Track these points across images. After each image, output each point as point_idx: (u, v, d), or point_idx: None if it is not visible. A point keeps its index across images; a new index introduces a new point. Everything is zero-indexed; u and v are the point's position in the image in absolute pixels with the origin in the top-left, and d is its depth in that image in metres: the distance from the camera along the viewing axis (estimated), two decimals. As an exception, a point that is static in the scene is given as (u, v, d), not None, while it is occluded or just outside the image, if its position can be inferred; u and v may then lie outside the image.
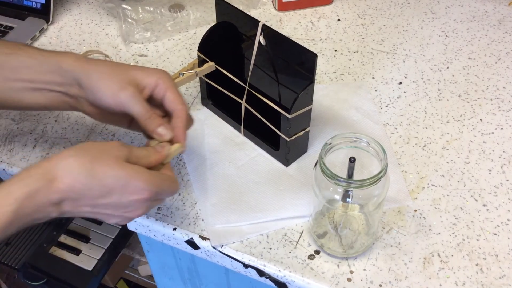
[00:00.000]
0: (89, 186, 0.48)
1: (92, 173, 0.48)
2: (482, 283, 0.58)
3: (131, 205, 0.51)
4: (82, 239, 0.97)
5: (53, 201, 0.48)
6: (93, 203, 0.50)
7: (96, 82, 0.56)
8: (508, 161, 0.70)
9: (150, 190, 0.51)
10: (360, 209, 0.59)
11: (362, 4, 0.97)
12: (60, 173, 0.48)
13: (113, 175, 0.49)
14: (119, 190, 0.49)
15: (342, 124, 0.75)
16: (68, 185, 0.48)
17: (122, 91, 0.55)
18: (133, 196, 0.50)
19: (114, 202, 0.50)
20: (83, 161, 0.48)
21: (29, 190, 0.47)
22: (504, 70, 0.83)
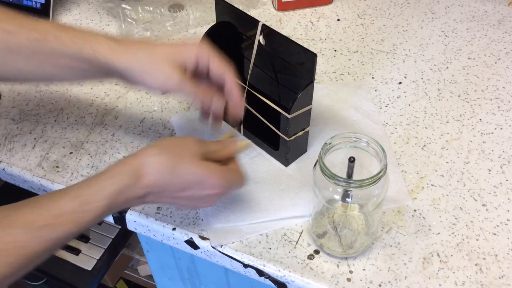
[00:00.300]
0: (171, 181, 0.53)
1: (174, 170, 0.53)
2: (481, 283, 0.58)
3: (205, 198, 0.56)
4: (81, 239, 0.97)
5: (139, 195, 0.53)
6: (173, 195, 0.55)
7: (140, 77, 0.57)
8: (507, 161, 0.70)
9: (223, 186, 0.55)
10: (360, 209, 0.59)
11: (362, 4, 0.97)
12: (146, 171, 0.52)
13: (192, 172, 0.53)
14: (196, 186, 0.54)
15: (341, 124, 0.75)
16: (153, 181, 0.52)
17: (168, 81, 0.57)
18: (208, 191, 0.55)
19: (191, 195, 0.55)
20: (166, 159, 0.53)
21: (120, 187, 0.51)
22: (504, 70, 0.83)
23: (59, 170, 0.70)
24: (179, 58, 0.57)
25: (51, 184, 0.69)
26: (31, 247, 0.47)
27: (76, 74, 0.60)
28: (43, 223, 0.47)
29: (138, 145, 0.73)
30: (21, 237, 0.46)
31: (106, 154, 0.72)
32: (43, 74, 0.60)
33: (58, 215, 0.48)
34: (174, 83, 0.56)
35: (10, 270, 0.46)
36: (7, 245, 0.46)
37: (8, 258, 0.46)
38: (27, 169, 0.71)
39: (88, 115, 0.78)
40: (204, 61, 0.58)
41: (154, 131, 0.75)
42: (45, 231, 0.47)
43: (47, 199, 0.49)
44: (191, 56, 0.57)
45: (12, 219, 0.47)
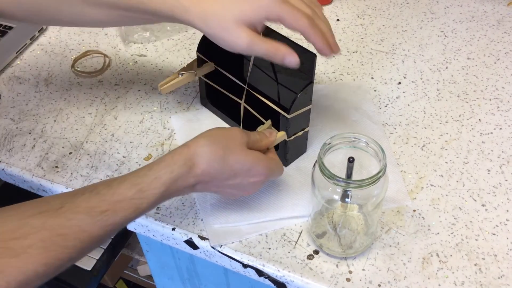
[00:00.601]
0: (221, 171, 0.56)
1: (224, 159, 0.55)
2: (480, 283, 0.58)
3: (249, 186, 0.59)
4: (81, 239, 0.97)
5: (190, 184, 0.55)
6: (221, 184, 0.57)
7: (212, 39, 0.58)
8: (507, 161, 0.70)
9: (267, 174, 0.59)
10: (359, 209, 0.59)
11: (361, 4, 0.97)
12: (198, 160, 0.54)
13: (241, 160, 0.56)
14: (243, 174, 0.57)
15: (341, 124, 0.75)
16: (204, 170, 0.55)
17: (237, 46, 0.56)
18: (254, 179, 0.58)
19: (237, 183, 0.58)
20: (216, 149, 0.55)
21: (174, 176, 0.53)
22: (503, 70, 0.83)
23: (59, 170, 0.70)
24: (248, 19, 0.56)
25: (51, 184, 0.69)
26: (92, 231, 0.49)
27: (153, 22, 0.64)
28: (104, 208, 0.49)
29: (137, 145, 0.73)
30: (84, 221, 0.48)
31: (105, 154, 0.72)
32: (119, 23, 0.64)
33: (118, 201, 0.50)
34: (243, 47, 0.56)
35: (68, 254, 0.47)
36: (69, 229, 0.47)
37: (68, 242, 0.47)
38: (27, 169, 0.71)
39: (88, 115, 0.78)
40: (275, 20, 0.57)
41: (154, 131, 0.75)
42: (106, 216, 0.49)
43: (106, 186, 0.51)
44: (260, 19, 0.56)
45: (72, 205, 0.48)
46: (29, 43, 0.90)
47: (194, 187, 0.56)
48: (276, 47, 0.57)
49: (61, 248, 0.47)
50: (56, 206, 0.48)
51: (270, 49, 0.57)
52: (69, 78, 0.84)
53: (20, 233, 0.45)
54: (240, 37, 0.56)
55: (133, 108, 0.79)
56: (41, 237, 0.46)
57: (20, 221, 0.46)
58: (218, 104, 0.76)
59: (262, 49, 0.56)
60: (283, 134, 0.65)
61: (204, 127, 0.75)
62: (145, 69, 0.85)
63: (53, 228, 0.47)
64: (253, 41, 0.56)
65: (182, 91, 0.81)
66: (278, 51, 0.57)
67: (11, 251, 0.44)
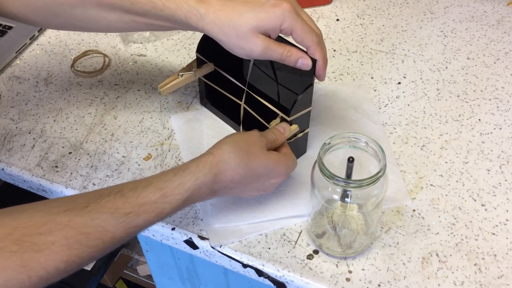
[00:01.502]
0: (245, 176, 0.57)
1: (248, 165, 0.56)
2: (480, 283, 0.58)
3: (270, 186, 0.60)
4: (81, 239, 0.97)
5: (214, 190, 0.56)
6: (244, 188, 0.59)
7: (226, 47, 0.60)
8: (506, 161, 0.70)
9: (287, 173, 0.61)
10: (359, 209, 0.59)
11: (361, 4, 0.97)
12: (223, 167, 0.55)
13: (263, 165, 0.58)
14: (265, 176, 0.59)
15: (341, 124, 0.75)
16: (230, 177, 0.56)
17: (252, 52, 0.58)
18: (275, 180, 0.60)
19: (259, 185, 0.59)
20: (240, 155, 0.56)
21: (199, 183, 0.54)
22: (503, 70, 0.83)
23: (58, 170, 0.70)
24: (263, 28, 0.57)
25: (50, 184, 0.69)
26: (115, 232, 0.49)
27: (164, 30, 0.64)
28: (128, 210, 0.50)
29: (137, 145, 0.73)
30: (107, 222, 0.49)
31: (105, 154, 0.72)
32: (133, 28, 0.64)
33: (141, 204, 0.51)
34: (258, 54, 0.58)
35: (89, 253, 0.48)
36: (93, 228, 0.48)
37: (90, 241, 0.48)
38: (26, 169, 0.71)
39: (87, 115, 0.78)
40: (287, 31, 0.58)
41: (153, 131, 0.75)
42: (129, 218, 0.50)
43: (131, 188, 0.52)
44: (274, 28, 0.57)
45: (98, 206, 0.49)
46: (28, 43, 0.90)
47: (217, 192, 0.57)
48: (289, 50, 0.59)
49: (83, 247, 0.47)
50: (82, 205, 0.49)
51: (284, 53, 0.58)
52: (68, 78, 0.84)
53: (46, 229, 0.46)
54: (256, 44, 0.57)
55: (132, 108, 0.79)
56: (65, 234, 0.46)
57: (46, 217, 0.47)
58: (218, 105, 0.76)
59: (277, 53, 0.58)
60: (296, 127, 0.65)
61: (204, 127, 0.75)
62: (145, 69, 0.85)
63: (77, 227, 0.47)
64: (268, 47, 0.58)
65: (182, 91, 0.81)
66: (291, 55, 0.59)
67: (35, 246, 0.45)
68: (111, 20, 0.62)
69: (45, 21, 0.66)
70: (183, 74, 0.70)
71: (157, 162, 0.71)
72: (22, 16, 0.64)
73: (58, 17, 0.64)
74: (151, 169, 0.70)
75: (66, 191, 0.68)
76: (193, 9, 0.58)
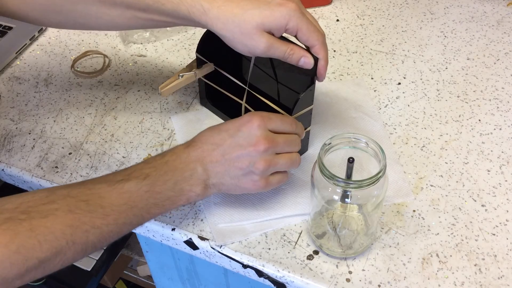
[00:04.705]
0: (216, 133, 0.59)
1: (219, 126, 0.60)
2: (480, 283, 0.58)
3: (257, 158, 0.58)
4: (81, 240, 0.97)
5: (191, 156, 0.58)
6: (224, 151, 0.58)
7: (230, 43, 0.59)
8: (506, 162, 0.70)
9: (268, 137, 0.58)
10: (359, 210, 0.59)
11: (361, 5, 0.97)
12: (195, 138, 0.60)
13: (232, 121, 0.60)
14: (239, 131, 0.59)
15: (342, 122, 0.75)
16: (202, 138, 0.60)
17: (256, 49, 0.58)
18: (258, 142, 0.58)
19: (242, 152, 0.58)
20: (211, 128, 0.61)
21: (174, 148, 0.59)
22: (503, 71, 0.83)
23: (58, 171, 0.70)
24: (268, 26, 0.57)
25: (50, 185, 0.69)
26: (110, 197, 0.53)
27: (165, 26, 0.64)
28: (120, 178, 0.55)
29: (137, 145, 0.73)
30: (102, 189, 0.53)
31: (105, 155, 0.72)
32: (134, 26, 0.64)
33: (131, 172, 0.56)
34: (262, 51, 0.58)
35: (91, 218, 0.51)
36: (91, 196, 0.52)
37: (89, 206, 0.52)
38: (26, 169, 0.71)
39: (87, 115, 0.78)
40: (293, 30, 0.58)
41: (153, 131, 0.75)
42: (121, 183, 0.54)
43: (118, 171, 0.58)
44: (280, 27, 0.57)
45: (93, 180, 0.55)
46: (28, 43, 0.90)
47: (198, 160, 0.57)
48: (292, 48, 0.59)
49: (84, 212, 0.51)
50: (79, 183, 0.54)
51: (287, 51, 0.58)
52: (68, 78, 0.84)
53: (49, 200, 0.50)
54: (260, 42, 0.57)
55: (132, 108, 0.79)
56: (66, 202, 0.51)
57: (47, 192, 0.51)
58: (218, 105, 0.76)
59: (280, 51, 0.58)
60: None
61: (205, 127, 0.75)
62: (145, 70, 0.85)
63: (76, 195, 0.52)
64: (272, 45, 0.57)
65: (182, 92, 0.81)
66: (294, 53, 0.59)
67: (41, 213, 0.49)
68: (112, 16, 0.62)
69: (45, 19, 0.66)
70: (183, 74, 0.70)
71: (157, 163, 0.71)
72: (22, 14, 0.64)
73: (58, 14, 0.64)
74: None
75: (66, 191, 0.68)
76: (197, 4, 0.57)
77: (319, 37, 0.59)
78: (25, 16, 0.64)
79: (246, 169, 0.57)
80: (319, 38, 0.59)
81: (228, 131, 0.58)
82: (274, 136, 0.58)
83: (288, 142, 0.59)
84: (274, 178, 0.60)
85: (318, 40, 0.59)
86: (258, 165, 0.57)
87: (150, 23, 0.63)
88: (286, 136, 0.59)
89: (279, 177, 0.60)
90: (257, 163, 0.57)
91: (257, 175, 0.58)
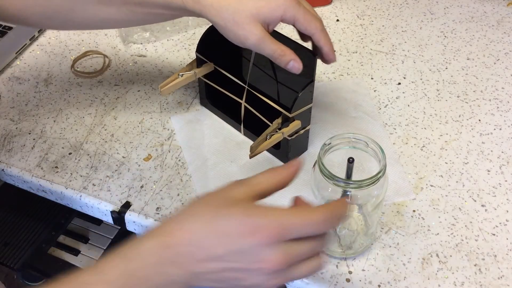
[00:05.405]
0: (209, 232, 0.43)
1: (210, 222, 0.43)
2: (480, 284, 0.58)
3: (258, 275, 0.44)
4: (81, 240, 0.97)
5: (164, 259, 0.43)
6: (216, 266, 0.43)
7: (222, 31, 0.58)
8: (506, 162, 0.70)
9: (283, 234, 0.42)
10: (359, 210, 0.59)
11: (361, 5, 0.97)
12: (172, 226, 0.44)
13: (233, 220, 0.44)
14: (242, 238, 0.43)
15: (341, 122, 0.75)
16: (185, 233, 0.43)
17: (247, 41, 0.56)
18: (262, 260, 0.42)
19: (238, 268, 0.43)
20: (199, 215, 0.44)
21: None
22: (503, 71, 0.83)
23: (58, 171, 0.70)
24: (262, 17, 0.56)
25: (50, 185, 0.69)
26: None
27: (163, 19, 0.64)
28: None
29: (137, 146, 0.73)
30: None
31: (105, 155, 0.72)
32: (132, 21, 0.64)
33: None
34: (252, 43, 0.56)
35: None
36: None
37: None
38: (26, 169, 0.71)
39: (87, 115, 0.78)
40: (289, 21, 0.57)
41: (153, 131, 0.75)
42: None
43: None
44: (275, 18, 0.56)
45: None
46: (28, 44, 0.90)
47: (173, 263, 0.42)
48: (283, 50, 0.57)
49: None
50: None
51: (277, 50, 0.57)
52: (68, 78, 0.84)
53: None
54: (252, 33, 0.55)
55: (132, 108, 0.79)
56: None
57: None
58: (218, 104, 0.76)
59: (270, 49, 0.57)
60: (298, 123, 0.64)
61: (205, 128, 0.75)
62: (145, 70, 0.85)
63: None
64: (263, 39, 0.56)
65: (182, 92, 0.81)
66: (284, 55, 0.57)
67: None
68: (110, 13, 0.62)
69: (45, 22, 0.66)
70: (183, 74, 0.70)
71: (157, 163, 0.71)
72: (22, 18, 0.64)
73: (58, 15, 0.64)
74: (151, 170, 0.70)
75: (66, 191, 0.68)
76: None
77: (318, 25, 0.58)
78: (26, 20, 0.65)
79: (247, 284, 0.43)
80: (317, 26, 0.58)
81: (229, 236, 0.42)
82: (292, 250, 0.42)
83: (309, 252, 0.43)
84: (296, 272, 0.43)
85: (316, 28, 0.58)
86: (266, 283, 0.43)
87: (148, 17, 0.62)
88: (308, 246, 0.43)
89: (305, 269, 0.44)
90: (265, 282, 0.42)
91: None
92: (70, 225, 0.99)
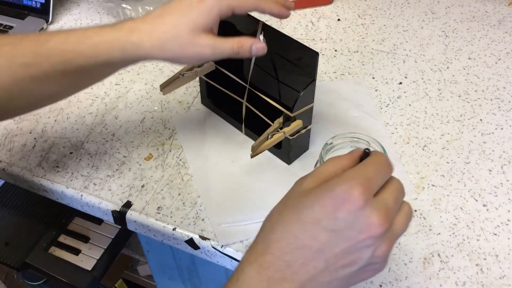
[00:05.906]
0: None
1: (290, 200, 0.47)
2: (482, 283, 0.58)
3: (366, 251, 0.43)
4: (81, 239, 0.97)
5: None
6: (326, 263, 0.42)
7: (176, 62, 0.57)
8: (508, 161, 0.70)
9: (366, 196, 0.41)
10: (361, 209, 0.59)
11: (362, 4, 0.97)
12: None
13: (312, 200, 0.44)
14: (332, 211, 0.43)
15: (342, 121, 0.75)
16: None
17: (202, 58, 0.55)
18: (361, 230, 0.42)
19: (346, 249, 0.42)
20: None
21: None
22: (504, 70, 0.83)
23: (59, 170, 0.70)
24: (202, 26, 0.54)
25: (51, 184, 0.69)
26: None
27: (109, 74, 0.61)
28: None
29: (138, 145, 0.73)
30: None
31: (106, 154, 0.72)
32: (77, 88, 0.61)
33: None
34: (209, 54, 0.55)
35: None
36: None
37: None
38: (27, 169, 0.71)
39: (88, 115, 0.78)
40: (228, 13, 0.56)
41: (155, 131, 0.75)
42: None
43: None
44: (213, 20, 0.55)
45: None
46: (29, 43, 0.90)
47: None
48: (239, 41, 0.55)
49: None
50: None
51: (234, 45, 0.55)
52: (69, 77, 0.84)
53: None
54: (203, 46, 0.54)
55: (133, 107, 0.79)
56: None
57: None
58: (219, 104, 0.76)
59: (227, 48, 0.55)
60: (300, 122, 0.64)
61: (206, 127, 0.75)
62: (146, 69, 0.85)
63: None
64: (215, 44, 0.55)
65: (183, 91, 0.81)
66: (242, 45, 0.55)
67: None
68: (51, 90, 0.58)
69: (34, 106, 0.62)
70: (184, 73, 0.70)
71: (158, 162, 0.71)
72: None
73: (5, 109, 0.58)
74: (152, 169, 0.70)
75: (67, 191, 0.68)
76: (126, 43, 0.54)
77: (253, 0, 0.56)
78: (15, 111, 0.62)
79: (362, 263, 0.42)
80: (253, 1, 0.56)
81: (320, 222, 0.40)
82: (385, 202, 0.41)
83: (398, 196, 0.43)
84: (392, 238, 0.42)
85: (253, 3, 0.55)
86: (379, 252, 0.41)
87: (90, 80, 0.60)
88: (393, 190, 0.43)
89: (403, 218, 0.44)
90: (377, 250, 0.41)
91: (379, 263, 0.42)
92: (71, 225, 0.99)
